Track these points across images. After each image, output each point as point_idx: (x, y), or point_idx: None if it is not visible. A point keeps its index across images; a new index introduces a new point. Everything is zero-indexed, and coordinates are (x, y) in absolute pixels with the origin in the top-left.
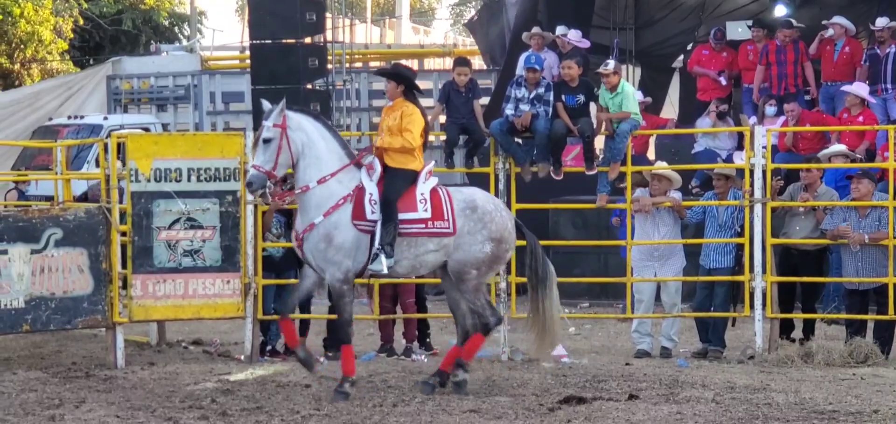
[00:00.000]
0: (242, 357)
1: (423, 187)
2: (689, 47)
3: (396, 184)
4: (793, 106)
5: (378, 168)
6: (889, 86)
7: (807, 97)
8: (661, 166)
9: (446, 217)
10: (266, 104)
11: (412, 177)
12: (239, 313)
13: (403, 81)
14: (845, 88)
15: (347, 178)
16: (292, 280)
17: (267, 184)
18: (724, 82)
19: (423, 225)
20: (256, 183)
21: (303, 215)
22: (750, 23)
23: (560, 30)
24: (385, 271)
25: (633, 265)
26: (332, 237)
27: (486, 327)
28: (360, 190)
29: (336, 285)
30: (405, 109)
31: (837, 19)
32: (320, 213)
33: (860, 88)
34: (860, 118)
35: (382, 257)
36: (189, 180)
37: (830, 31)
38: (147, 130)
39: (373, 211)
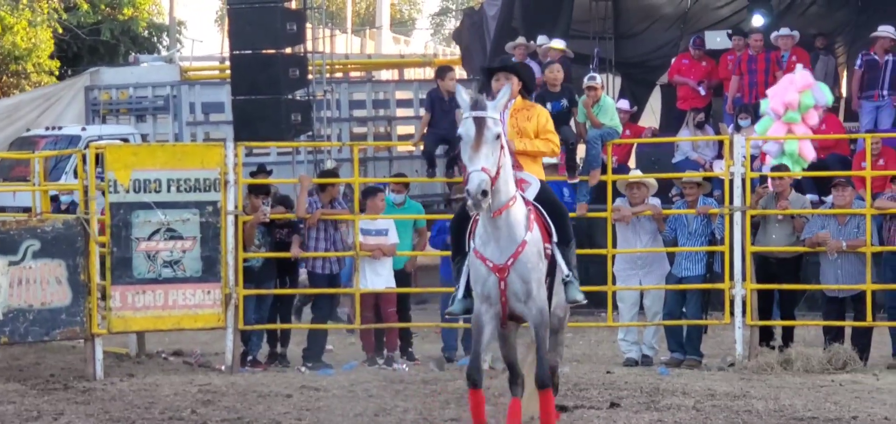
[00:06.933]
0: (223, 368)
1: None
2: (672, 61)
3: (558, 198)
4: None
5: (535, 184)
6: (886, 93)
7: None
8: (636, 175)
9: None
10: (463, 94)
11: None
12: (219, 323)
13: (523, 78)
14: None
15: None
16: (273, 291)
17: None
18: (703, 93)
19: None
20: (487, 187)
21: (505, 237)
22: (729, 32)
23: (541, 39)
24: (584, 300)
25: (618, 274)
26: (541, 252)
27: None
28: (533, 208)
29: (547, 313)
30: (539, 110)
31: (783, 31)
32: (524, 229)
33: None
34: (823, 126)
35: (576, 283)
36: (169, 190)
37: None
38: (126, 140)
39: (552, 233)
